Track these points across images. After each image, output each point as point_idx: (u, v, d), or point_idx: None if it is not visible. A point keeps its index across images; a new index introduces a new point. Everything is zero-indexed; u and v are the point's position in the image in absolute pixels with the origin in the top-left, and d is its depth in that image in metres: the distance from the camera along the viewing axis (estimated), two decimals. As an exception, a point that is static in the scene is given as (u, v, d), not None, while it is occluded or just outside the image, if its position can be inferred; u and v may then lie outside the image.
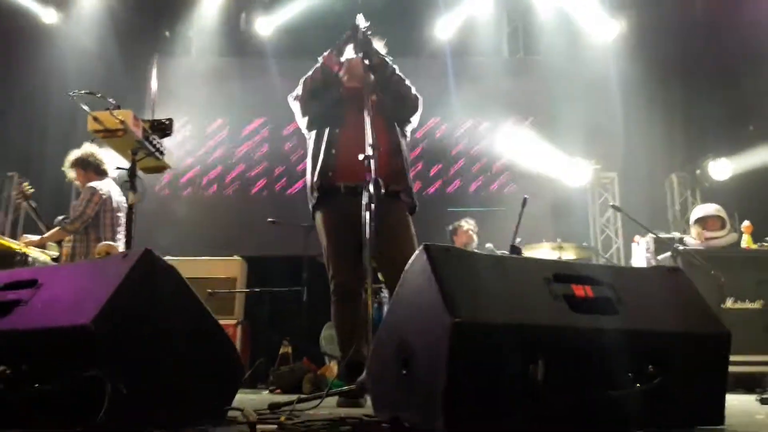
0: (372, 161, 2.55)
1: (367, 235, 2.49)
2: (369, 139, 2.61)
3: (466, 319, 1.44)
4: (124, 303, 1.67)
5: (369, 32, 3.08)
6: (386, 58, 3.17)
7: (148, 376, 1.72)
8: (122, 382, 1.61)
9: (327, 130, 3.14)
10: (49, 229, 4.61)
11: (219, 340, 2.04)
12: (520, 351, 1.48)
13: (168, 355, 1.81)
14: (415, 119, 3.33)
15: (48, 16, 7.31)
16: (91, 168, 4.56)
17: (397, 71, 3.20)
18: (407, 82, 3.24)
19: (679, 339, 1.66)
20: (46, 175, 6.63)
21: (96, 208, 4.42)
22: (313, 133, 3.25)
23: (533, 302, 1.58)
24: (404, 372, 1.65)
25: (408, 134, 3.36)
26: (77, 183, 4.67)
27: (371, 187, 2.51)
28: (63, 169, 4.64)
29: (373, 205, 2.47)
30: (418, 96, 3.28)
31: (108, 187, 4.52)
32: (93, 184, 4.47)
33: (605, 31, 7.20)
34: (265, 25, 7.32)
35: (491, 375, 1.48)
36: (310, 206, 3.22)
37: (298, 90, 3.27)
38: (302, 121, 3.32)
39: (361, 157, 2.59)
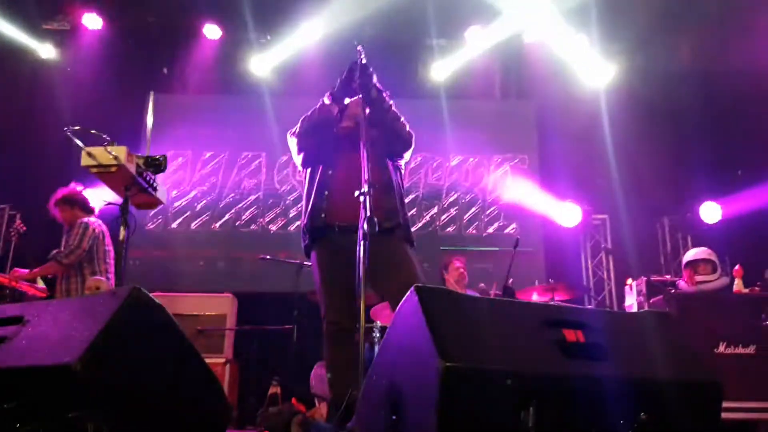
0: (367, 198, 2.55)
1: (361, 274, 2.48)
2: (365, 175, 2.60)
3: (457, 364, 1.43)
4: (110, 342, 1.64)
5: (369, 67, 3.11)
6: (384, 93, 3.20)
7: (132, 417, 1.68)
8: (105, 423, 1.57)
9: (320, 171, 3.14)
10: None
11: (206, 381, 2.01)
12: (512, 397, 1.47)
13: (154, 396, 1.78)
14: (407, 155, 3.36)
15: (45, 51, 7.38)
16: (78, 205, 4.58)
17: (393, 107, 3.24)
18: (402, 118, 3.27)
19: (672, 386, 1.64)
20: (40, 208, 6.60)
21: (90, 242, 4.43)
22: (308, 173, 3.26)
23: (525, 347, 1.56)
24: (393, 417, 1.62)
25: (402, 168, 3.37)
26: (63, 221, 4.68)
27: (365, 225, 2.50)
28: (48, 206, 4.65)
29: (366, 243, 2.47)
30: (412, 133, 3.31)
31: (99, 222, 4.54)
32: (85, 219, 4.49)
33: (597, 77, 7.33)
34: (261, 65, 7.41)
35: (482, 421, 1.46)
36: (304, 246, 3.20)
37: (296, 127, 3.30)
38: (297, 158, 3.34)
39: (356, 193, 2.59)
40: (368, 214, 2.51)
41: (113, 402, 1.64)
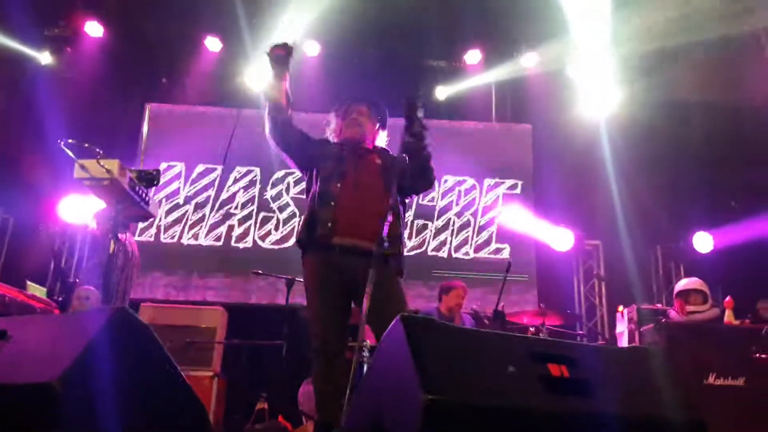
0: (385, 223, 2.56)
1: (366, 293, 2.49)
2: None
3: (440, 398, 1.42)
4: (92, 361, 1.63)
5: (418, 99, 3.00)
6: (426, 131, 3.05)
7: (112, 438, 1.66)
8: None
9: (328, 183, 3.05)
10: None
11: (188, 400, 1.99)
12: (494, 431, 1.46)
13: (135, 415, 1.76)
14: (422, 194, 3.33)
15: (45, 58, 7.38)
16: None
17: (429, 147, 3.09)
18: (432, 161, 3.14)
19: (655, 424, 1.64)
20: (33, 216, 6.60)
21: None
22: (312, 176, 3.19)
23: (509, 381, 1.56)
24: (376, 446, 1.61)
25: (407, 202, 3.34)
26: (98, 232, 4.67)
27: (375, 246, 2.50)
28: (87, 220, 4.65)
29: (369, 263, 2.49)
30: (435, 177, 3.21)
31: (132, 241, 4.52)
32: (120, 236, 4.46)
33: (595, 104, 7.37)
34: (259, 79, 7.42)
35: (463, 456, 1.45)
36: (299, 241, 3.13)
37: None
38: (290, 162, 3.31)
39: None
40: (384, 234, 2.53)
41: (94, 422, 1.63)
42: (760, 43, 6.09)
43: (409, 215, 7.20)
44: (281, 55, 3.11)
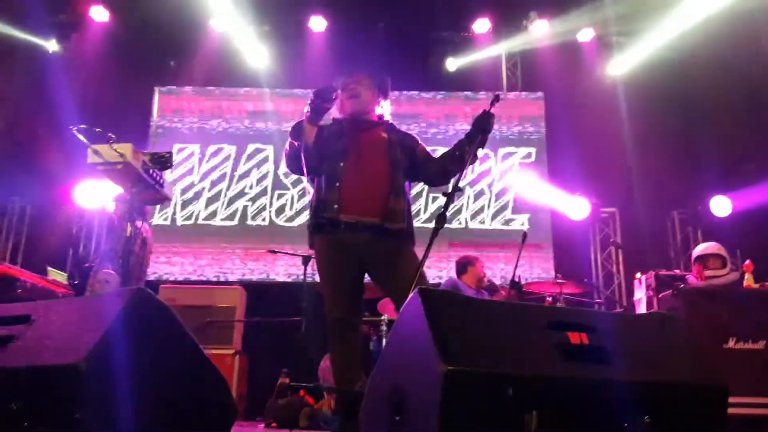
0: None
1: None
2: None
3: (459, 368, 1.43)
4: (115, 342, 1.65)
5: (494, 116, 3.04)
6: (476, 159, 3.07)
7: (137, 417, 1.70)
8: (111, 424, 1.59)
9: (333, 163, 3.02)
10: None
11: (212, 379, 2.02)
12: (514, 401, 1.46)
13: (159, 395, 1.80)
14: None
15: (53, 45, 7.39)
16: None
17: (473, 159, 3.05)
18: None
19: (676, 390, 1.63)
20: (49, 202, 6.66)
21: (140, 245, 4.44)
22: (321, 165, 3.15)
23: (528, 350, 1.56)
24: (397, 417, 1.63)
25: (411, 184, 3.31)
26: (112, 216, 4.70)
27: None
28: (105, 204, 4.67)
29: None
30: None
31: (147, 227, 4.54)
32: (137, 224, 4.48)
33: (608, 69, 7.26)
34: (268, 57, 7.39)
35: (484, 424, 1.46)
36: (309, 237, 3.16)
37: (284, 163, 3.21)
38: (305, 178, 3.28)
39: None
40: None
41: (119, 402, 1.66)
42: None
43: (422, 186, 7.16)
44: (326, 105, 2.98)
